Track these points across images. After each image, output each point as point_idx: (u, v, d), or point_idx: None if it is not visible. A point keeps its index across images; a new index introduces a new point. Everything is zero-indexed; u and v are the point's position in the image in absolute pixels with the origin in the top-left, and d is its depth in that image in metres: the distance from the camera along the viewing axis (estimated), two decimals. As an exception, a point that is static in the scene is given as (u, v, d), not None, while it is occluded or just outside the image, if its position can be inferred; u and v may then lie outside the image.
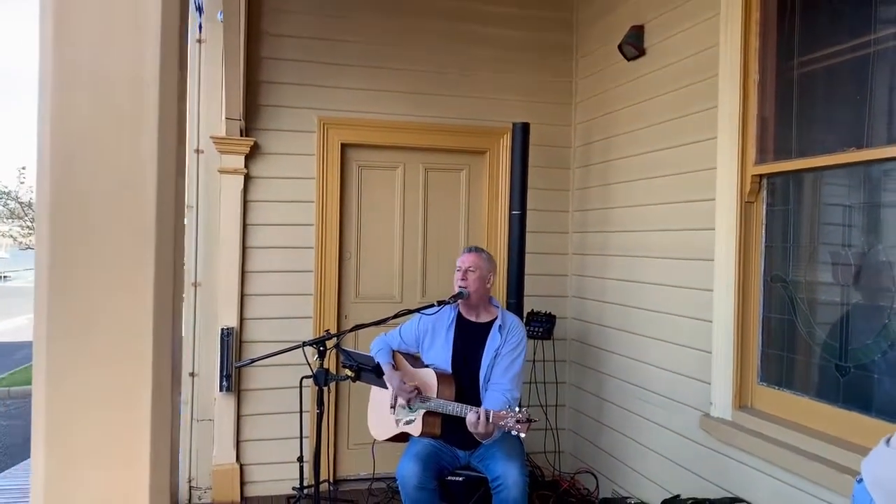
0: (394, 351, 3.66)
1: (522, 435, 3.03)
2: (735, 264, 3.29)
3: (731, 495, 3.23)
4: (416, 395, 3.40)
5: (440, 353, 3.51)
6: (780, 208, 3.22)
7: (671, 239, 3.83)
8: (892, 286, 2.70)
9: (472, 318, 3.54)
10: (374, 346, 3.67)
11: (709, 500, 3.21)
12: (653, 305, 3.98)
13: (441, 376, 3.42)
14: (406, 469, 3.20)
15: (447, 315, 3.55)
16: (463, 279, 3.46)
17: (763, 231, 3.26)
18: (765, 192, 3.25)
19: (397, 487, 4.52)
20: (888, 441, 1.84)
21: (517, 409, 3.08)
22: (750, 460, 3.15)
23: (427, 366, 3.54)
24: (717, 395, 3.38)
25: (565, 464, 4.87)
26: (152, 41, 0.71)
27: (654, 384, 3.94)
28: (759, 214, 3.27)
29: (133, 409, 0.72)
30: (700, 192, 3.56)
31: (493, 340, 3.47)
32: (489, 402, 3.32)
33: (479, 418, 3.07)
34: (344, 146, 4.67)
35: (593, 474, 4.60)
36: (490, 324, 3.52)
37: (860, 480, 1.85)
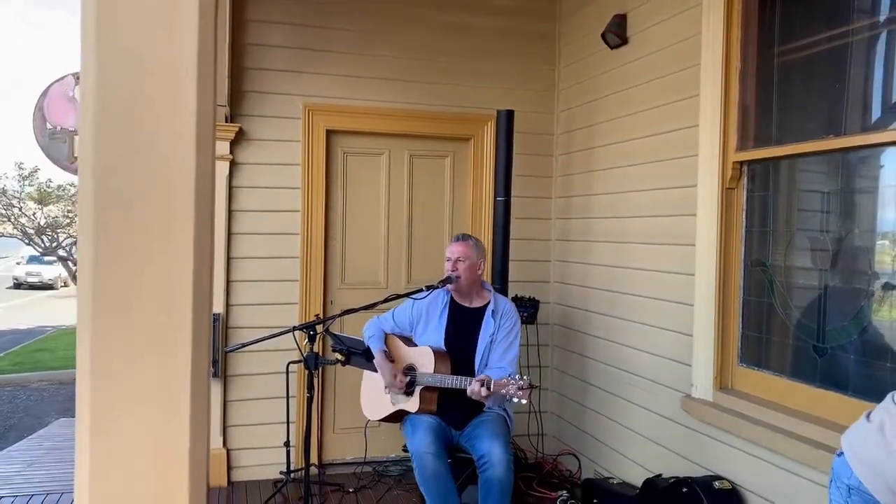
0: (387, 334, 3.70)
1: (524, 401, 3.09)
2: (716, 249, 3.36)
3: (711, 473, 3.33)
4: (407, 387, 3.46)
5: (433, 337, 3.55)
6: (760, 194, 3.30)
7: (653, 225, 3.90)
8: (868, 270, 2.79)
9: (466, 304, 3.59)
10: (366, 330, 3.70)
11: (690, 478, 3.30)
12: (635, 290, 4.06)
13: (437, 352, 3.47)
14: (421, 442, 3.22)
15: (440, 300, 3.60)
16: (453, 270, 3.50)
17: (744, 217, 3.34)
18: (745, 179, 3.33)
19: (384, 471, 4.60)
20: (868, 416, 1.91)
21: (518, 376, 3.15)
22: (730, 439, 3.24)
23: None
24: (698, 377, 3.47)
25: (548, 446, 4.95)
26: (189, 23, 0.74)
27: (637, 367, 4.02)
28: (739, 200, 3.35)
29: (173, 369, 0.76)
30: (682, 179, 3.63)
31: (487, 326, 3.52)
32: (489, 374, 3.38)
33: (481, 385, 3.13)
34: (329, 132, 4.68)
35: (576, 456, 4.69)
36: (483, 308, 3.57)
37: (840, 454, 1.92)
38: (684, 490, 3.23)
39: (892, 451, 1.78)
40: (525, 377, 3.14)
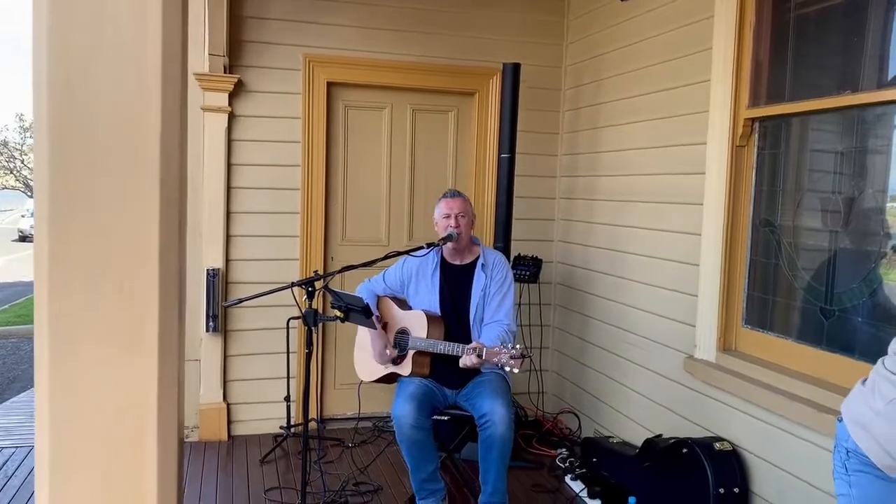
0: (380, 297, 3.65)
1: (516, 370, 3.07)
2: (724, 209, 3.29)
3: (712, 434, 3.31)
4: (398, 351, 3.46)
5: (426, 297, 3.51)
6: (771, 152, 3.21)
7: (660, 183, 3.82)
8: (879, 231, 2.72)
9: (457, 262, 3.54)
10: (357, 293, 3.66)
11: (690, 439, 3.28)
12: (640, 250, 4.00)
13: (431, 317, 3.43)
14: (401, 409, 3.23)
15: (430, 260, 3.54)
16: (456, 226, 3.43)
17: (753, 175, 3.26)
18: (756, 136, 3.24)
19: (383, 426, 4.61)
20: (864, 382, 1.93)
21: (510, 344, 3.12)
22: (732, 401, 3.21)
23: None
24: (701, 338, 3.43)
25: (549, 404, 4.95)
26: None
27: (639, 327, 3.99)
28: (750, 159, 3.26)
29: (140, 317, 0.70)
30: (691, 136, 3.54)
31: (478, 280, 3.47)
32: (486, 336, 3.35)
33: (474, 354, 3.10)
34: (330, 85, 4.57)
35: (576, 414, 4.68)
36: (473, 264, 3.52)
37: (840, 419, 1.93)
38: (684, 451, 3.22)
39: (878, 411, 1.82)
40: (518, 346, 3.10)
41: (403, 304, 3.63)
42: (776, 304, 3.18)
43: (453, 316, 3.47)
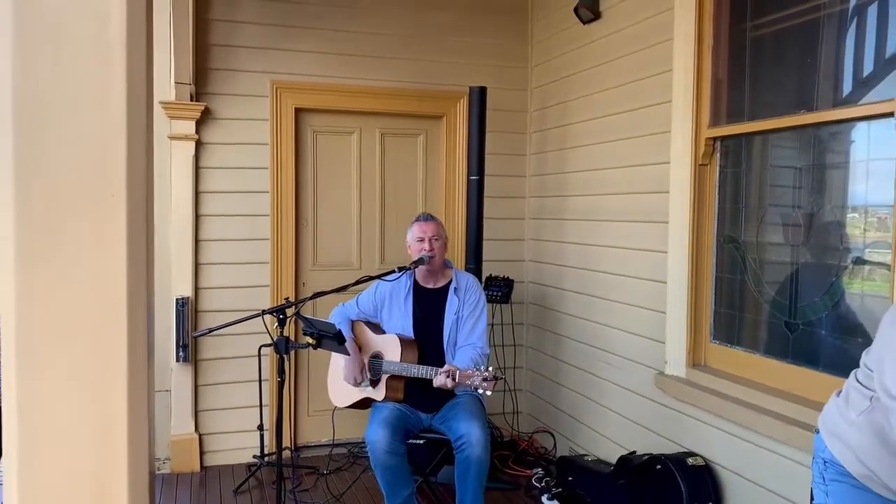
0: (353, 321, 3.65)
1: (489, 392, 3.08)
2: (689, 226, 3.35)
3: (685, 450, 3.34)
4: (372, 376, 3.45)
5: (400, 321, 3.51)
6: (733, 170, 3.28)
7: (626, 202, 3.88)
8: (839, 245, 2.79)
9: (430, 285, 3.55)
10: (332, 317, 3.65)
11: (663, 455, 3.31)
12: (609, 268, 4.04)
13: (404, 341, 3.43)
14: (375, 434, 3.21)
15: (403, 284, 3.54)
16: (430, 250, 3.44)
17: (716, 193, 3.33)
18: (718, 155, 3.31)
19: (358, 452, 4.58)
20: (838, 394, 1.98)
21: (482, 367, 3.13)
22: (703, 416, 3.25)
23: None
24: (671, 354, 3.47)
25: (523, 424, 4.96)
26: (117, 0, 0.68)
27: (611, 344, 4.02)
28: (712, 177, 3.33)
29: (110, 352, 0.71)
30: (655, 156, 3.61)
31: (451, 304, 3.49)
32: (459, 359, 3.36)
33: (447, 377, 3.11)
34: (298, 111, 4.58)
35: (551, 433, 4.70)
36: (446, 287, 3.54)
37: (818, 431, 1.97)
38: (658, 467, 3.24)
39: (851, 421, 1.86)
40: (490, 368, 3.12)
41: (377, 329, 3.62)
42: (743, 319, 3.24)
43: (427, 339, 3.47)
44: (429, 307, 3.51)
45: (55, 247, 0.68)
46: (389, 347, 3.46)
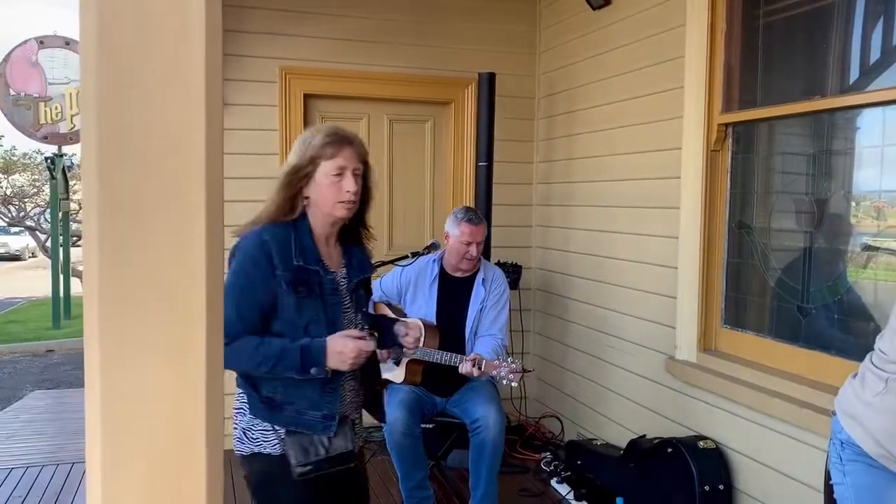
0: (375, 302, 3.66)
1: (514, 384, 3.12)
2: (700, 212, 3.37)
3: (695, 433, 3.38)
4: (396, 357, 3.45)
5: (424, 308, 3.52)
6: (744, 156, 3.30)
7: (637, 188, 3.90)
8: (851, 231, 2.81)
9: (457, 274, 3.55)
10: None
11: (674, 438, 3.34)
12: (618, 254, 4.06)
13: (427, 326, 3.44)
14: (393, 416, 3.24)
15: (430, 270, 3.55)
16: (470, 257, 3.42)
17: (728, 179, 3.34)
18: (730, 141, 3.32)
19: (368, 437, 4.60)
20: (854, 376, 2.02)
21: (510, 359, 3.16)
22: (714, 400, 3.28)
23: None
24: (682, 339, 3.50)
25: (531, 409, 4.99)
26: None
27: (620, 330, 4.05)
28: (724, 162, 3.35)
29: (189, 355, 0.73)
30: (666, 142, 3.62)
31: (477, 294, 3.50)
32: (481, 348, 3.38)
33: (473, 365, 3.13)
34: (307, 97, 4.58)
35: (558, 418, 4.73)
36: (473, 277, 3.54)
37: (834, 414, 2.01)
38: (669, 450, 3.28)
39: (867, 402, 1.89)
40: (518, 362, 3.15)
41: (399, 311, 3.64)
42: (754, 304, 3.27)
43: (449, 327, 3.49)
44: (454, 295, 3.52)
45: (138, 218, 0.70)
46: None
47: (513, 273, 4.57)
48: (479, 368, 3.13)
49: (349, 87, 4.63)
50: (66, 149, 11.61)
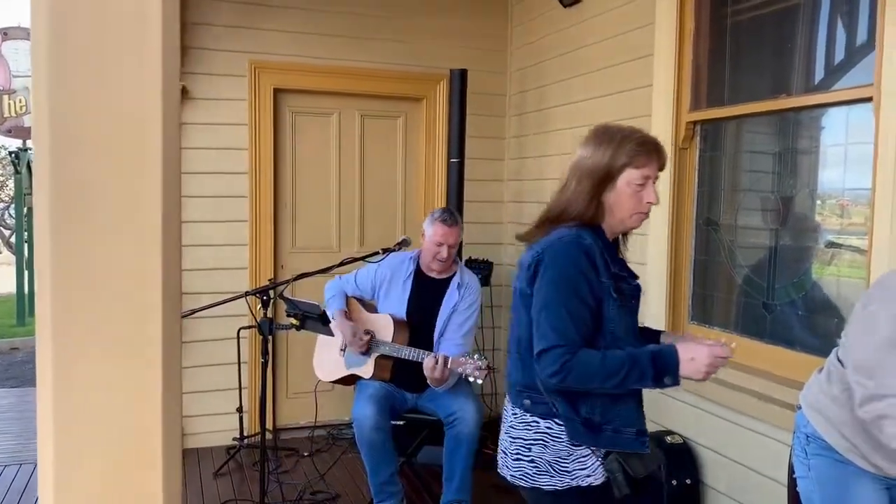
0: (348, 297, 3.64)
1: (480, 381, 3.10)
2: (669, 209, 3.40)
3: (663, 429, 3.41)
4: (367, 346, 3.42)
5: (395, 304, 3.50)
6: (712, 154, 3.34)
7: (606, 185, 3.91)
8: (815, 228, 2.86)
9: (433, 274, 3.53)
10: (327, 290, 3.64)
11: (642, 433, 3.37)
12: (588, 250, 4.08)
13: (397, 322, 3.43)
14: (362, 411, 3.23)
15: (405, 267, 3.53)
16: (443, 258, 3.39)
17: (696, 176, 3.38)
18: (698, 139, 3.36)
19: (338, 434, 4.59)
20: (820, 371, 2.05)
21: (476, 356, 3.15)
22: (681, 395, 3.32)
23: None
24: (650, 335, 3.52)
25: (500, 405, 4.99)
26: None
27: (589, 326, 4.06)
28: (692, 160, 3.38)
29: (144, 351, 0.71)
30: (635, 139, 3.64)
31: (450, 297, 3.48)
32: (443, 350, 3.37)
33: (436, 363, 3.12)
34: (276, 91, 4.54)
35: (529, 415, 4.74)
36: (449, 280, 3.53)
37: (800, 408, 2.04)
38: (637, 445, 3.30)
39: (833, 397, 1.93)
40: (484, 358, 3.14)
41: (371, 308, 3.62)
42: (720, 300, 3.31)
43: (419, 325, 3.48)
44: (427, 295, 3.50)
45: (92, 212, 0.69)
46: (382, 326, 3.46)
47: (484, 269, 4.58)
48: (446, 365, 3.12)
49: (320, 82, 4.59)
50: (30, 143, 11.40)
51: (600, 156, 1.88)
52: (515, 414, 1.94)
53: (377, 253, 3.45)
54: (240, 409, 4.34)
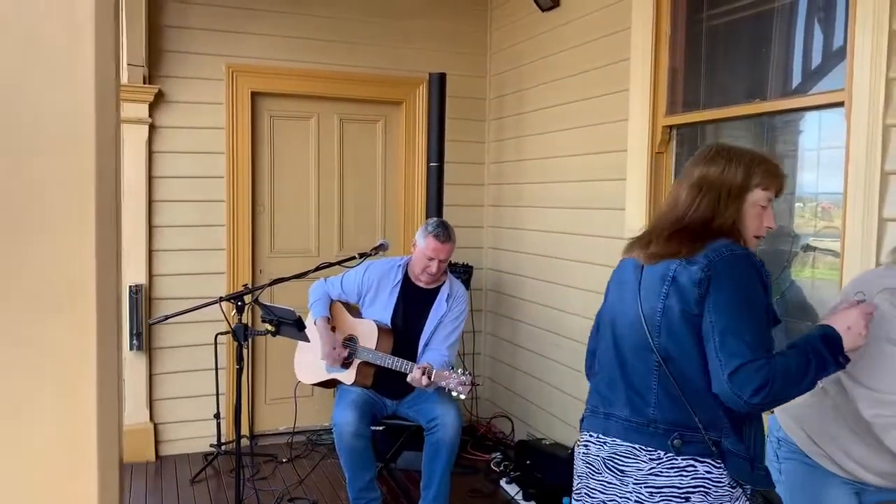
0: (332, 300, 3.60)
1: (463, 396, 3.08)
2: (645, 213, 3.40)
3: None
4: (343, 362, 3.40)
5: (380, 311, 3.47)
6: (688, 158, 3.33)
7: (584, 189, 3.92)
8: (790, 232, 2.87)
9: (421, 284, 3.49)
10: (312, 293, 3.59)
11: (620, 437, 3.36)
12: (566, 254, 4.09)
13: (382, 329, 3.40)
14: (343, 417, 3.20)
15: (393, 275, 3.49)
16: (433, 272, 3.35)
17: (672, 180, 3.39)
18: (674, 143, 3.37)
19: (317, 440, 4.56)
20: None
21: (459, 370, 3.12)
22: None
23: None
24: (628, 339, 3.52)
25: (482, 409, 4.99)
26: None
27: (568, 330, 4.07)
28: (668, 164, 3.39)
29: (80, 360, 0.69)
30: (612, 144, 3.65)
31: (438, 307, 3.45)
32: (427, 359, 3.33)
33: (423, 373, 3.10)
34: (254, 95, 4.51)
35: (509, 418, 4.74)
36: (437, 290, 3.49)
37: (772, 412, 2.04)
38: (615, 449, 3.30)
39: (804, 401, 1.92)
40: (468, 373, 3.12)
41: (355, 312, 3.58)
42: (697, 304, 3.30)
43: (403, 334, 3.45)
44: (414, 304, 3.47)
45: (24, 224, 0.67)
46: (366, 333, 3.43)
47: (463, 273, 4.57)
48: (429, 377, 3.09)
49: (298, 86, 4.57)
50: None
51: (732, 174, 1.81)
52: (657, 459, 1.69)
53: (353, 258, 3.42)
54: (217, 416, 4.30)
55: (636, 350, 1.79)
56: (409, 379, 3.16)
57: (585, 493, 1.87)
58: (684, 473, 1.67)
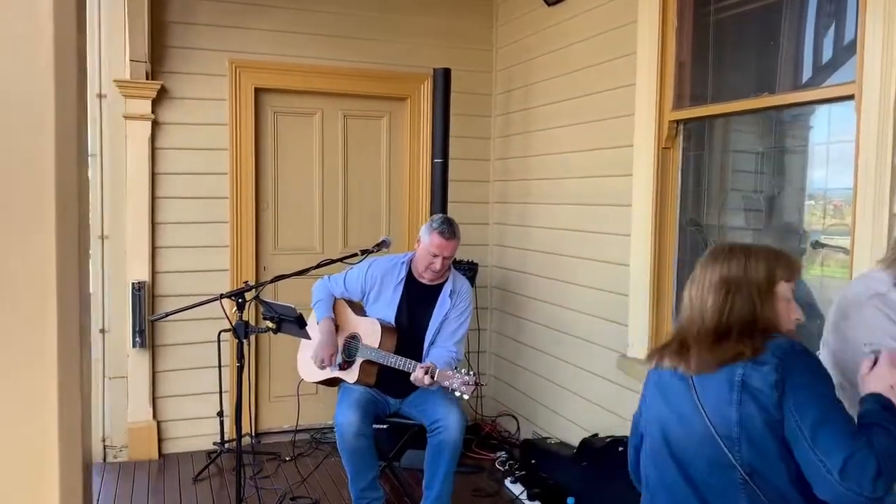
0: (336, 298, 3.56)
1: (466, 396, 3.04)
2: (651, 209, 3.36)
3: (646, 431, 3.36)
4: (346, 357, 3.37)
5: (384, 309, 3.43)
6: (695, 153, 3.30)
7: (590, 185, 3.88)
8: (798, 228, 2.82)
9: (425, 281, 3.44)
10: (315, 291, 3.56)
11: (626, 437, 3.32)
12: (572, 251, 4.04)
13: (385, 328, 3.36)
14: (345, 417, 3.16)
15: (397, 272, 3.45)
16: (436, 269, 3.31)
17: (679, 176, 3.34)
18: (681, 138, 3.32)
19: (321, 438, 4.54)
20: None
21: (464, 370, 3.08)
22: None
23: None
24: (634, 337, 3.48)
25: (487, 408, 4.96)
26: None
27: (573, 328, 4.03)
28: (675, 160, 3.34)
29: (39, 368, 0.66)
30: (618, 139, 3.60)
31: (442, 304, 3.41)
32: (434, 356, 3.30)
33: (426, 373, 3.06)
34: (258, 91, 4.48)
35: (514, 417, 4.70)
36: (441, 287, 3.45)
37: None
38: (620, 449, 3.26)
39: None
40: (472, 373, 3.08)
41: (359, 310, 3.55)
42: (704, 302, 3.26)
43: (408, 332, 3.41)
44: (418, 301, 3.43)
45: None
46: (369, 331, 3.39)
47: (468, 270, 4.52)
48: (432, 377, 3.06)
49: (302, 82, 4.54)
50: None
51: (755, 270, 1.78)
52: None
53: (356, 255, 3.39)
54: (220, 414, 4.28)
55: (711, 467, 1.69)
56: (412, 378, 3.12)
57: None
58: None
